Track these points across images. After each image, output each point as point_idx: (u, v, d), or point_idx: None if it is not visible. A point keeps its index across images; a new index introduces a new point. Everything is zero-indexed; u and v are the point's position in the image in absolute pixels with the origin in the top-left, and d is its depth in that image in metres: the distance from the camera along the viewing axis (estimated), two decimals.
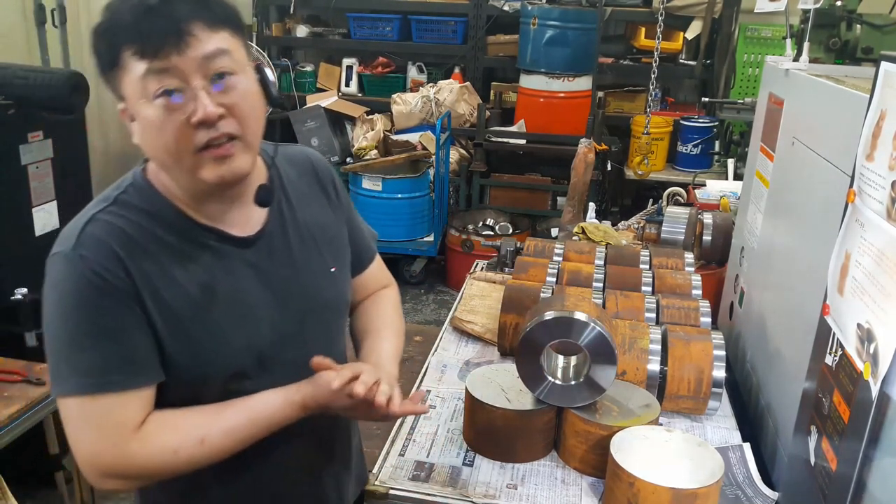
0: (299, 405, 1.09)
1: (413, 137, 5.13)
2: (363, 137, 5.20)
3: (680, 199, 3.11)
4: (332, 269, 1.24)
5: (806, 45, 1.84)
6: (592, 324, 1.36)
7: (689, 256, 2.04)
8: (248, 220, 1.14)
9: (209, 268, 1.09)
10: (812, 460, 1.16)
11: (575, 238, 2.48)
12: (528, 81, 5.05)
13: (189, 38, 0.96)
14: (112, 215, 1.05)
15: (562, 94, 4.97)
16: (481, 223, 5.07)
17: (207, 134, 0.99)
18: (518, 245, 2.29)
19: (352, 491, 1.38)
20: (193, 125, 0.98)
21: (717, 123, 4.68)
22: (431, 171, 4.93)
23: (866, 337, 1.00)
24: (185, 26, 0.96)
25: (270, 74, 1.10)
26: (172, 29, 0.96)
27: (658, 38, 4.01)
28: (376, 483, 1.36)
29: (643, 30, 5.01)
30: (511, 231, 4.95)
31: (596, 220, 2.84)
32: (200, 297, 1.07)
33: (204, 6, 1.00)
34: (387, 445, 1.47)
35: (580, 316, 1.37)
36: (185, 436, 1.05)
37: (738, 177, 3.74)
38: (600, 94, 5.03)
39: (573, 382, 1.40)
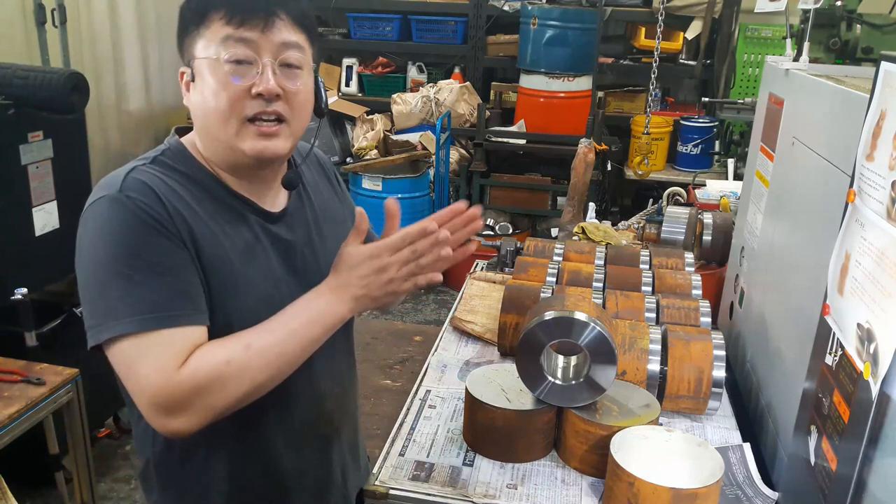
0: (326, 289, 1.08)
1: (413, 137, 5.14)
2: (363, 137, 5.20)
3: (680, 199, 3.11)
4: None
5: (806, 45, 1.84)
6: (592, 324, 1.36)
7: (689, 256, 2.04)
8: (273, 200, 1.20)
9: (242, 232, 1.13)
10: (812, 460, 1.16)
11: (575, 238, 2.48)
12: (528, 81, 5.06)
13: (276, 20, 1.05)
14: (152, 170, 1.09)
15: (562, 94, 4.97)
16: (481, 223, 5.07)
17: (260, 106, 1.06)
18: (518, 245, 2.29)
19: (354, 480, 1.39)
20: (252, 95, 1.05)
21: (717, 123, 4.68)
22: (431, 171, 4.93)
23: (866, 337, 1.00)
24: (277, 10, 1.05)
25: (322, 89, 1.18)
26: (266, 9, 1.05)
27: (658, 38, 4.01)
28: (376, 483, 1.36)
29: (643, 30, 5.01)
30: (511, 231, 4.95)
31: (596, 220, 2.84)
32: (234, 258, 1.10)
33: (297, 5, 1.08)
34: (387, 445, 1.47)
35: (580, 316, 1.37)
36: (231, 345, 1.03)
37: (738, 177, 3.75)
38: (600, 94, 5.03)
39: (573, 382, 1.40)
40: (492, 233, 4.95)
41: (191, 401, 1.00)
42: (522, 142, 4.98)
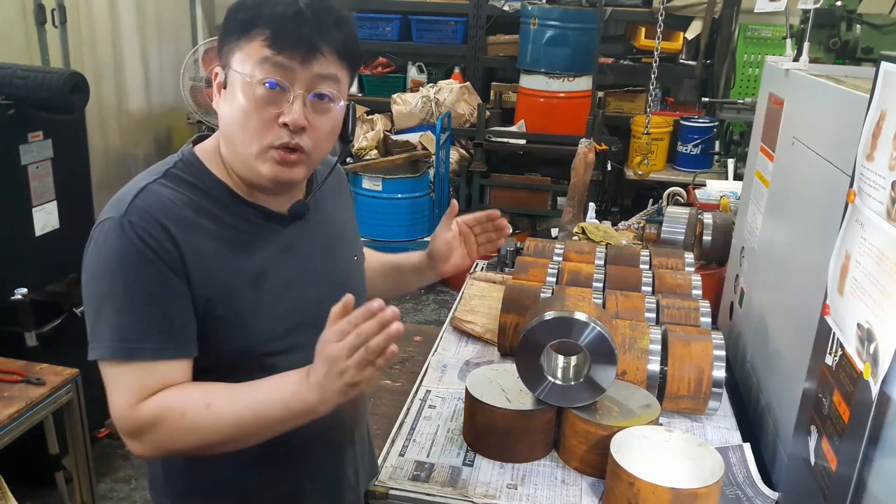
0: (298, 373, 1.03)
1: (413, 137, 5.13)
2: (363, 137, 5.20)
3: (680, 199, 3.11)
4: (355, 258, 1.32)
5: (806, 45, 1.84)
6: (592, 324, 1.36)
7: (689, 256, 2.04)
8: (286, 205, 1.20)
9: (251, 243, 1.14)
10: (812, 460, 1.16)
11: (575, 238, 2.48)
12: (528, 81, 5.06)
13: (318, 54, 1.04)
14: (162, 187, 1.10)
15: (562, 94, 4.97)
16: None
17: (285, 136, 1.06)
18: (518, 245, 2.29)
19: (365, 479, 1.40)
20: (279, 123, 1.05)
21: (717, 123, 4.68)
22: (431, 171, 4.93)
23: (866, 337, 1.00)
24: (320, 44, 1.04)
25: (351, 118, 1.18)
26: (309, 40, 1.03)
27: (658, 38, 4.01)
28: (376, 483, 1.36)
29: (643, 30, 5.01)
30: (511, 231, 4.95)
31: (596, 220, 2.84)
32: (242, 270, 1.11)
33: (341, 38, 1.07)
34: (387, 445, 1.47)
35: (580, 316, 1.37)
36: (192, 399, 1.04)
37: (738, 177, 3.74)
38: (600, 94, 5.03)
39: (573, 382, 1.40)
40: None
41: (143, 434, 1.05)
42: (522, 142, 4.98)
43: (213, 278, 1.08)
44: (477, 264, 2.45)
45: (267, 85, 1.04)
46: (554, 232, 4.33)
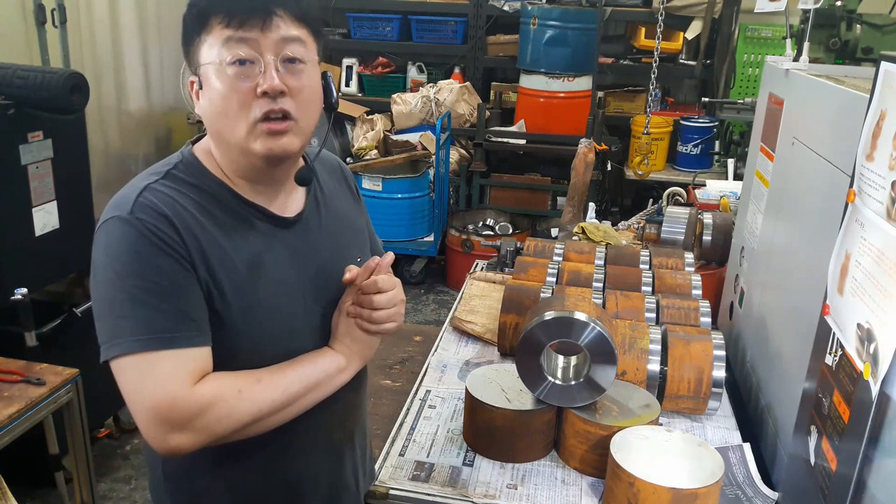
0: (330, 346, 1.19)
1: (413, 137, 5.13)
2: (363, 137, 5.20)
3: (680, 199, 3.11)
4: (359, 259, 1.30)
5: (806, 45, 1.84)
6: (592, 324, 1.36)
7: (689, 256, 2.04)
8: (288, 204, 1.21)
9: (252, 243, 1.14)
10: (812, 460, 1.16)
11: (575, 238, 2.48)
12: (528, 81, 5.05)
13: (275, 18, 1.07)
14: (164, 186, 1.10)
15: (562, 94, 4.97)
16: (481, 223, 5.07)
17: (267, 105, 1.07)
18: (518, 245, 2.29)
19: (364, 483, 1.39)
20: (258, 94, 1.06)
21: (717, 123, 4.68)
22: (431, 171, 4.93)
23: (866, 337, 1.00)
24: (274, 8, 1.07)
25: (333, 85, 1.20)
26: (262, 8, 1.06)
27: (658, 38, 4.01)
28: (376, 483, 1.36)
29: (643, 30, 5.01)
30: (511, 231, 4.95)
31: (596, 220, 2.84)
32: (245, 270, 1.11)
33: (295, 2, 1.09)
34: (387, 445, 1.47)
35: (580, 316, 1.37)
36: (244, 377, 1.09)
37: (738, 177, 3.75)
38: (600, 94, 5.03)
39: (573, 382, 1.40)
40: (492, 233, 4.95)
41: (196, 419, 1.03)
42: (522, 142, 4.98)
43: (213, 277, 1.08)
44: (476, 264, 2.45)
45: (237, 63, 1.05)
46: (554, 232, 4.33)
